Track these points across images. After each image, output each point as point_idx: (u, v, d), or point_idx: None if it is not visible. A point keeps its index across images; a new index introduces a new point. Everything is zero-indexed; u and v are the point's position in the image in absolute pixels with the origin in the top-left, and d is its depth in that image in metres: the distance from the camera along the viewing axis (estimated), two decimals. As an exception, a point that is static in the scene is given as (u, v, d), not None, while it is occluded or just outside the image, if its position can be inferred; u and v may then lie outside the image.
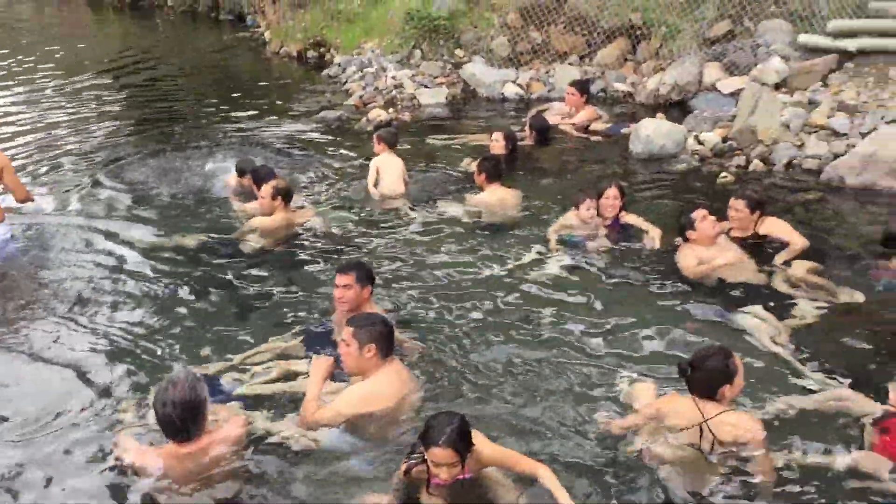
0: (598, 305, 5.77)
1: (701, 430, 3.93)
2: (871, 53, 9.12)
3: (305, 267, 6.52)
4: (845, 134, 8.03)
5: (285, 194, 6.88)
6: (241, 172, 8.06)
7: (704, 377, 4.01)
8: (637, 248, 6.59)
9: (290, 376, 4.92)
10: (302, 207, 7.50)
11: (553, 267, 6.35)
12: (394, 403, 4.35)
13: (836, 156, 7.84)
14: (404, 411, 4.39)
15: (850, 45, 9.22)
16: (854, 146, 7.74)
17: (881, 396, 4.30)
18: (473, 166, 7.89)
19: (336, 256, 6.64)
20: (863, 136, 7.83)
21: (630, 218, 6.87)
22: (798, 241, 6.22)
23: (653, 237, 6.61)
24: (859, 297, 5.57)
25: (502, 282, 6.16)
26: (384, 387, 4.38)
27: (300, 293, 6.09)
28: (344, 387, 4.48)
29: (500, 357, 5.15)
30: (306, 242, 6.91)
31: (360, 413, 4.30)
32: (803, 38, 9.70)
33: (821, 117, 8.28)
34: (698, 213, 6.17)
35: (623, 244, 6.65)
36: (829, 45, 9.39)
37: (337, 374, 4.57)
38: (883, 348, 5.03)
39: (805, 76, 9.21)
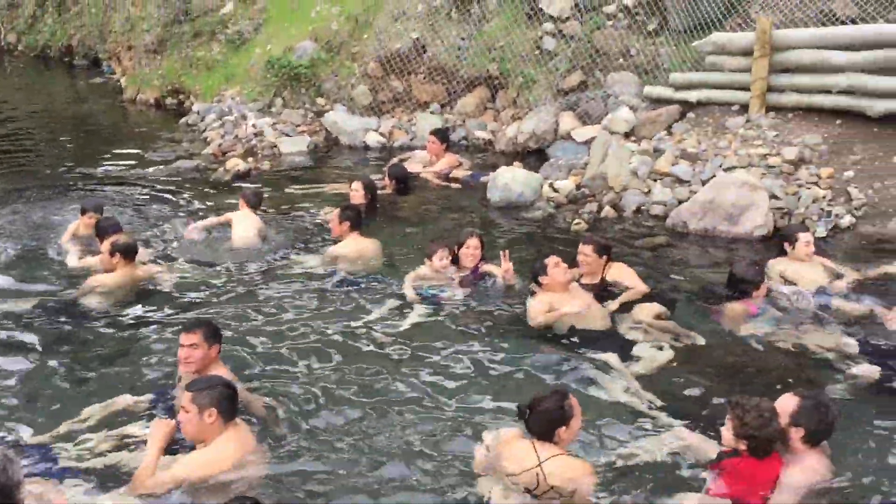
0: (455, 356, 5.75)
1: (537, 473, 3.97)
2: (709, 104, 9.66)
3: (151, 326, 6.21)
4: (688, 181, 8.42)
5: (124, 251, 6.55)
6: (83, 211, 7.76)
7: (541, 419, 4.10)
8: (493, 298, 6.63)
9: (128, 443, 4.65)
10: (153, 262, 7.21)
11: (409, 319, 6.31)
12: (234, 468, 4.18)
13: (680, 202, 8.20)
14: (245, 476, 4.21)
15: (691, 96, 9.74)
16: (695, 192, 8.13)
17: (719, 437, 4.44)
18: (332, 216, 7.79)
19: (184, 314, 6.37)
20: (703, 182, 8.22)
21: (489, 267, 6.92)
22: (639, 287, 6.42)
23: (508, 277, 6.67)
24: (701, 340, 5.78)
25: (358, 335, 6.07)
26: (227, 452, 4.21)
27: (145, 354, 5.79)
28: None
29: (352, 414, 5.04)
30: (153, 300, 6.60)
31: (198, 478, 4.11)
32: (648, 90, 10.18)
33: (665, 165, 8.66)
34: (551, 260, 6.27)
35: (481, 294, 6.68)
36: (671, 97, 9.90)
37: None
38: (725, 389, 5.20)
39: (651, 125, 9.64)
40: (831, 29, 8.91)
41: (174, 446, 4.39)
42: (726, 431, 4.12)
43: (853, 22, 9.06)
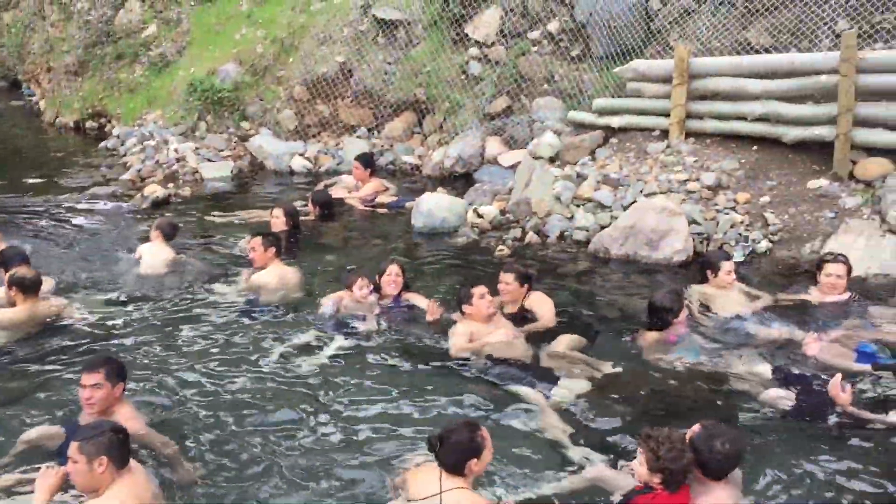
0: (374, 386, 5.62)
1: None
2: (631, 130, 9.75)
3: (54, 365, 5.89)
4: (609, 206, 8.44)
5: (21, 285, 6.23)
6: None
7: (452, 451, 4.00)
8: (415, 327, 6.51)
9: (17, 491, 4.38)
10: (60, 294, 6.90)
11: (329, 348, 6.17)
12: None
13: (602, 227, 8.23)
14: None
15: (614, 121, 9.83)
16: (617, 218, 8.16)
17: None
18: (253, 244, 7.58)
19: (91, 350, 6.08)
20: (624, 208, 8.26)
21: (411, 296, 6.82)
22: (546, 320, 6.38)
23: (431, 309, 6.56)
24: (616, 369, 5.73)
25: (275, 367, 5.89)
26: (119, 501, 3.97)
27: (47, 396, 5.48)
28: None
29: (266, 450, 4.87)
30: (57, 336, 6.29)
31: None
32: (572, 115, 10.26)
33: (588, 190, 8.69)
34: (477, 291, 6.15)
35: (403, 323, 6.55)
36: (594, 122, 9.98)
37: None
38: (644, 419, 5.16)
39: (575, 150, 9.67)
40: (747, 58, 9.09)
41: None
42: (640, 466, 4.05)
43: (767, 51, 9.29)
